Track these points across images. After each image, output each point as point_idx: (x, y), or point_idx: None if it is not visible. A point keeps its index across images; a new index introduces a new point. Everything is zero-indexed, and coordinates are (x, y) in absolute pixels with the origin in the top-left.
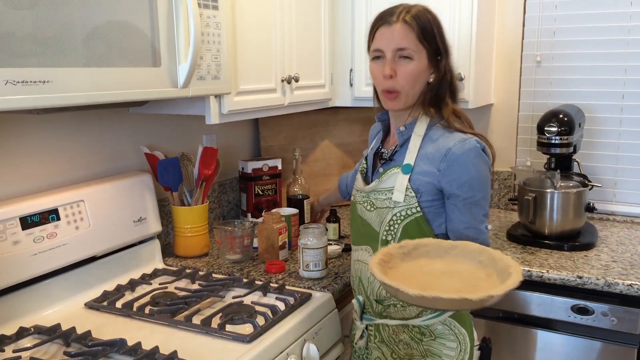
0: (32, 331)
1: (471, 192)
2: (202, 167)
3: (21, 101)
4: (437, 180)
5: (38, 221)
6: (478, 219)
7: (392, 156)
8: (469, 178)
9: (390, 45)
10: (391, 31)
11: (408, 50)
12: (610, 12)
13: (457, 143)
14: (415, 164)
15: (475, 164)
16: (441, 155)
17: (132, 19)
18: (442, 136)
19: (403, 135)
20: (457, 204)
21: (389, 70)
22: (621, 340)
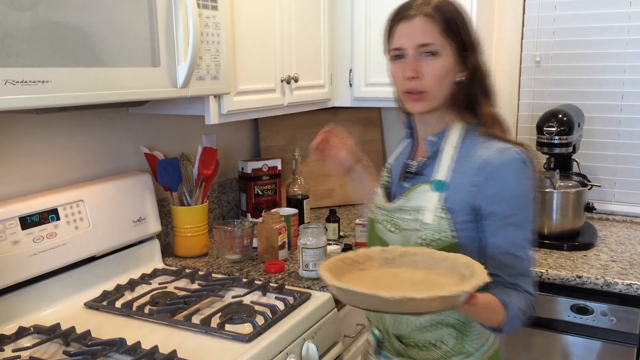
0: (32, 331)
1: (510, 211)
2: (202, 167)
3: (20, 101)
4: (472, 197)
5: (38, 221)
6: (518, 244)
7: (420, 170)
8: (508, 194)
9: (411, 41)
10: (411, 26)
11: (432, 45)
12: (609, 13)
13: (494, 153)
14: (449, 180)
15: (516, 177)
16: (476, 167)
17: (131, 19)
18: (478, 146)
19: (433, 145)
20: (494, 225)
21: (411, 70)
22: (620, 340)
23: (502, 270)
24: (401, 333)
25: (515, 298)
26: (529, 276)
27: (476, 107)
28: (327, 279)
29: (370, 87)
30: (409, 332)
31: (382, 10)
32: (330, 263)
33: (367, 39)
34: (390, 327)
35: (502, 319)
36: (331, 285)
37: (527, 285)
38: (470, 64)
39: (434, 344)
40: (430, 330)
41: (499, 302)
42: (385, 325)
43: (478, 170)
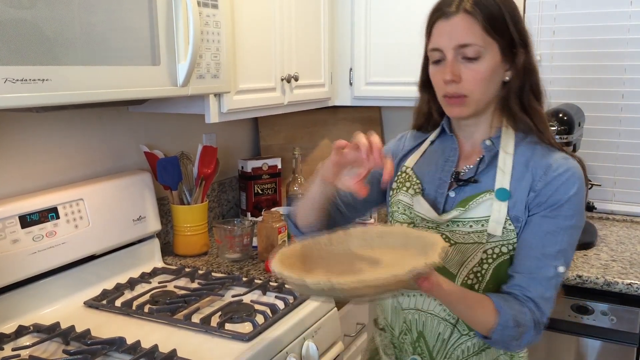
0: (32, 330)
1: (555, 213)
2: (202, 166)
3: (20, 99)
4: (530, 203)
5: (37, 220)
6: (548, 251)
7: (475, 177)
8: (563, 197)
9: (451, 42)
10: (450, 25)
11: (474, 47)
12: (609, 12)
13: (559, 159)
14: (512, 188)
15: (576, 186)
16: (539, 173)
17: (131, 18)
18: (536, 152)
19: (490, 150)
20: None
21: (450, 74)
22: (621, 339)
23: (518, 272)
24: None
25: (515, 308)
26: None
27: (527, 108)
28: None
29: (371, 86)
30: (464, 357)
31: (383, 9)
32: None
33: (367, 37)
34: (438, 354)
35: (493, 323)
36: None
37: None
38: (518, 62)
39: None
40: (486, 351)
41: (492, 304)
42: (430, 352)
43: (541, 176)
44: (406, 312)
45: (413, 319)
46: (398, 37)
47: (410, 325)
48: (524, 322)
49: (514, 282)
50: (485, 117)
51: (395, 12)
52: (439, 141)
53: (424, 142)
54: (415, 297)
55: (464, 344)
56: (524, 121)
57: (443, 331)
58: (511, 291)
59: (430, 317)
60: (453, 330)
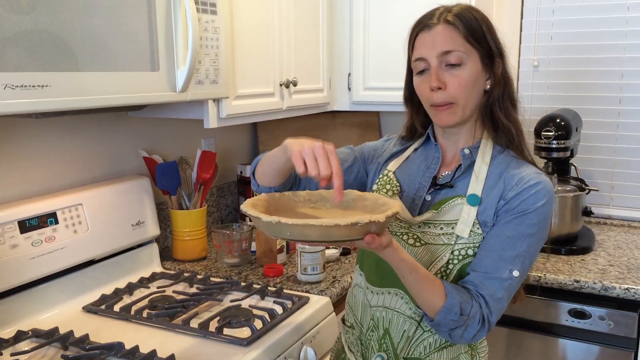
0: (30, 335)
1: (521, 219)
2: (201, 171)
3: (20, 105)
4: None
5: (36, 225)
6: (508, 255)
7: (451, 182)
8: (530, 208)
9: (434, 50)
10: (432, 35)
11: (456, 52)
12: (607, 17)
13: (531, 173)
14: (483, 195)
15: (545, 199)
16: (511, 183)
17: (130, 23)
18: (511, 165)
19: (467, 158)
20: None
21: (435, 80)
22: (618, 344)
23: (475, 269)
24: (414, 356)
25: (463, 297)
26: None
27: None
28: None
29: (369, 91)
30: (426, 353)
31: (381, 15)
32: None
33: (365, 43)
34: (401, 351)
35: (439, 305)
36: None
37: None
38: (497, 71)
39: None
40: (447, 347)
41: (441, 285)
42: (395, 349)
43: (513, 187)
44: (374, 310)
45: (380, 316)
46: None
47: (377, 322)
48: (469, 313)
49: (469, 278)
50: (468, 125)
51: (393, 17)
52: (423, 148)
53: (408, 148)
54: (384, 295)
55: (426, 340)
56: (507, 130)
57: (408, 328)
58: (465, 286)
59: (397, 315)
60: (417, 327)
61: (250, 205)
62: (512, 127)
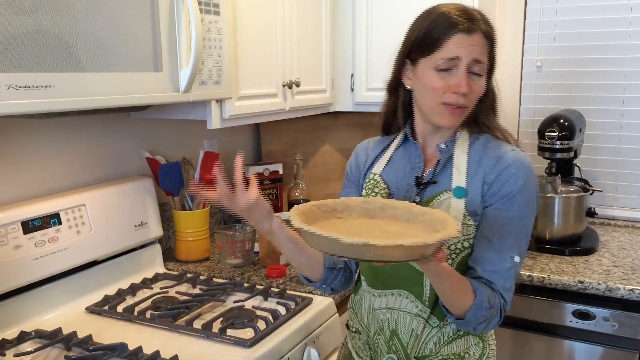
0: (33, 335)
1: (508, 204)
2: (204, 171)
3: (23, 106)
4: (484, 195)
5: (39, 225)
6: (505, 243)
7: (434, 178)
8: (514, 189)
9: (471, 55)
10: (474, 40)
11: (483, 64)
12: (610, 18)
13: (508, 151)
14: (467, 185)
15: (526, 177)
16: (490, 165)
17: (133, 24)
18: (488, 147)
19: (446, 152)
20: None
21: (466, 86)
22: (622, 345)
23: (479, 264)
24: (425, 354)
25: (487, 291)
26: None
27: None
28: (294, 220)
29: (372, 92)
30: (436, 349)
31: (384, 15)
32: (305, 207)
33: (368, 43)
34: (412, 351)
35: (470, 303)
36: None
37: (503, 290)
38: (490, 83)
39: (462, 355)
40: (456, 340)
41: (470, 285)
42: (404, 348)
43: (492, 168)
44: (378, 312)
45: (385, 318)
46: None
47: (383, 325)
48: (495, 305)
49: (478, 274)
50: None
51: (396, 18)
52: (403, 148)
53: (387, 149)
54: (387, 296)
55: (435, 336)
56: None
57: (416, 327)
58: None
59: (403, 315)
60: (425, 324)
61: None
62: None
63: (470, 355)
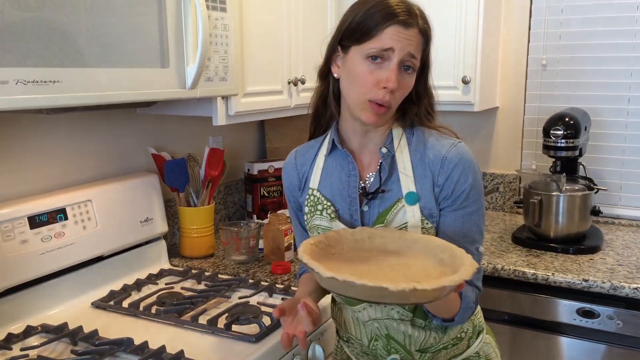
0: (40, 330)
1: (465, 202)
2: (209, 168)
3: (31, 101)
4: (437, 197)
5: (46, 220)
6: (469, 236)
7: (383, 187)
8: (466, 187)
9: (405, 49)
10: (409, 34)
11: (416, 60)
12: (616, 16)
13: (449, 149)
14: (418, 188)
15: (472, 170)
16: (436, 167)
17: (140, 20)
18: (427, 142)
19: (387, 157)
20: (448, 216)
21: (396, 82)
22: (626, 344)
23: None
24: (427, 346)
25: (468, 290)
26: (479, 273)
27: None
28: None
29: None
30: (438, 339)
31: None
32: (308, 249)
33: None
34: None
35: (457, 308)
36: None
37: (477, 281)
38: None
39: (460, 337)
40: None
41: None
42: (404, 347)
43: (438, 170)
44: (368, 324)
45: (374, 327)
46: None
47: (373, 333)
48: (475, 301)
49: None
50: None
51: None
52: (333, 156)
53: (317, 157)
54: (366, 309)
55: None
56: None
57: (405, 329)
58: None
59: (389, 321)
60: (412, 326)
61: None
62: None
63: (465, 333)
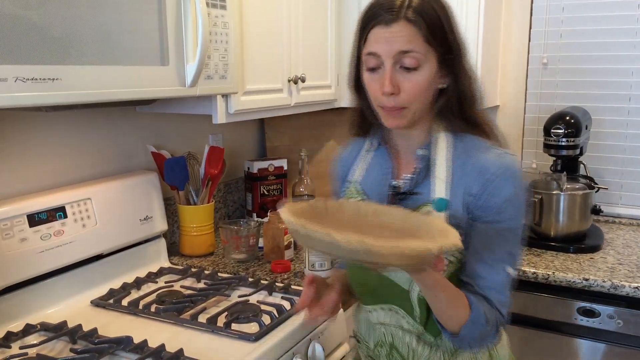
0: (39, 328)
1: (497, 217)
2: (209, 166)
3: (30, 98)
4: (469, 207)
5: (45, 219)
6: (497, 255)
7: (413, 189)
8: (501, 201)
9: (391, 49)
10: (391, 33)
11: (414, 54)
12: (617, 15)
13: (492, 159)
14: (449, 196)
15: (513, 185)
16: (474, 175)
17: (140, 18)
18: (472, 152)
19: (424, 159)
20: (477, 228)
21: (389, 86)
22: (627, 343)
23: (473, 279)
24: None
25: (484, 305)
26: (503, 296)
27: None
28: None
29: None
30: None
31: None
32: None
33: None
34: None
35: (464, 318)
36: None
37: (500, 305)
38: (454, 68)
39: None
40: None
41: (466, 298)
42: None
43: (476, 178)
44: (376, 326)
45: (380, 332)
46: None
47: (381, 338)
48: (493, 320)
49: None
50: (422, 124)
51: None
52: (378, 153)
53: (360, 152)
54: (378, 312)
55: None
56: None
57: (409, 341)
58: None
59: (395, 329)
60: (418, 340)
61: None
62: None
63: None
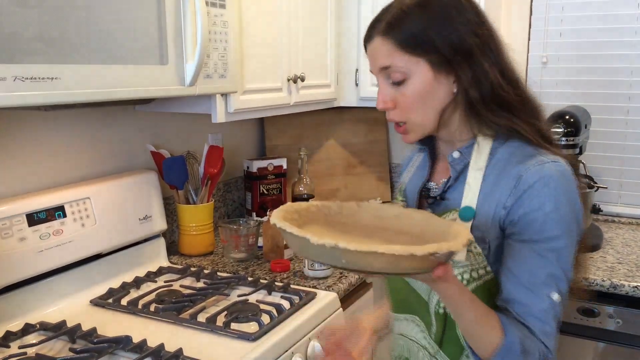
0: (38, 328)
1: (538, 235)
2: (208, 165)
3: (29, 97)
4: (502, 222)
5: (44, 218)
6: (537, 278)
7: (443, 194)
8: (539, 215)
9: (375, 66)
10: (371, 49)
11: (395, 69)
12: (617, 14)
13: (530, 167)
14: (478, 206)
15: (555, 197)
16: (510, 186)
17: (139, 17)
18: (513, 160)
19: (457, 163)
20: (512, 247)
21: (382, 102)
22: (626, 342)
23: (511, 305)
24: None
25: (523, 332)
26: (548, 326)
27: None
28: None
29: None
30: None
31: None
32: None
33: None
34: None
35: (497, 342)
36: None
37: (543, 336)
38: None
39: None
40: None
41: (498, 320)
42: None
43: (510, 190)
44: (397, 337)
45: (400, 344)
46: None
47: (399, 350)
48: (532, 350)
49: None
50: (448, 130)
51: None
52: (424, 155)
53: (414, 156)
54: (401, 322)
55: None
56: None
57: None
58: None
59: (412, 344)
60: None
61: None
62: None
63: None
